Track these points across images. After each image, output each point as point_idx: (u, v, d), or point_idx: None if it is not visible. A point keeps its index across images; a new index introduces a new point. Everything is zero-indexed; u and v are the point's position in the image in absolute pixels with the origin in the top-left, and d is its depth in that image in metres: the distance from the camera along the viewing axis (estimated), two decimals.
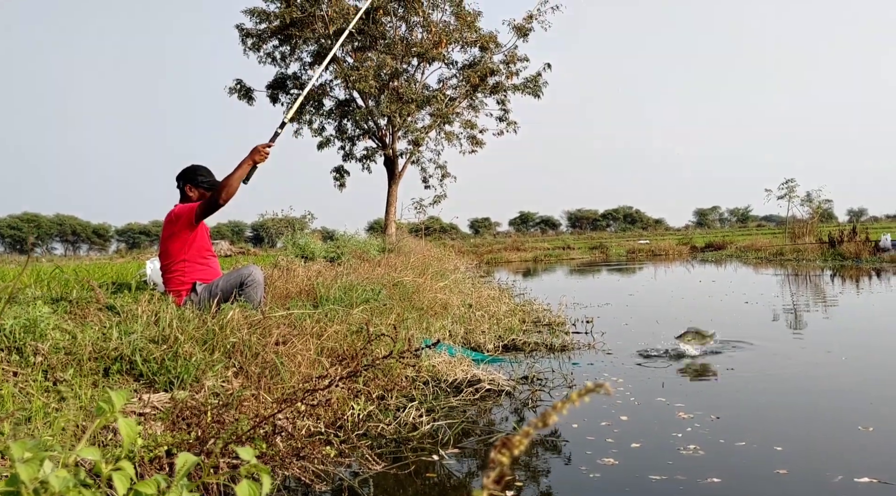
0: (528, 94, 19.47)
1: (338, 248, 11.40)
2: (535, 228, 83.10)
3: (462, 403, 3.97)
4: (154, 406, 3.20)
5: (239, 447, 1.08)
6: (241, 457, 1.07)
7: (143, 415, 3.15)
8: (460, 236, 52.44)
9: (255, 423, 2.26)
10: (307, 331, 4.30)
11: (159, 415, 3.14)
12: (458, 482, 2.76)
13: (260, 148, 4.64)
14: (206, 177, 4.95)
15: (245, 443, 2.28)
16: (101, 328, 3.84)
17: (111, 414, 1.07)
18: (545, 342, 5.92)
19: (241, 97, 18.97)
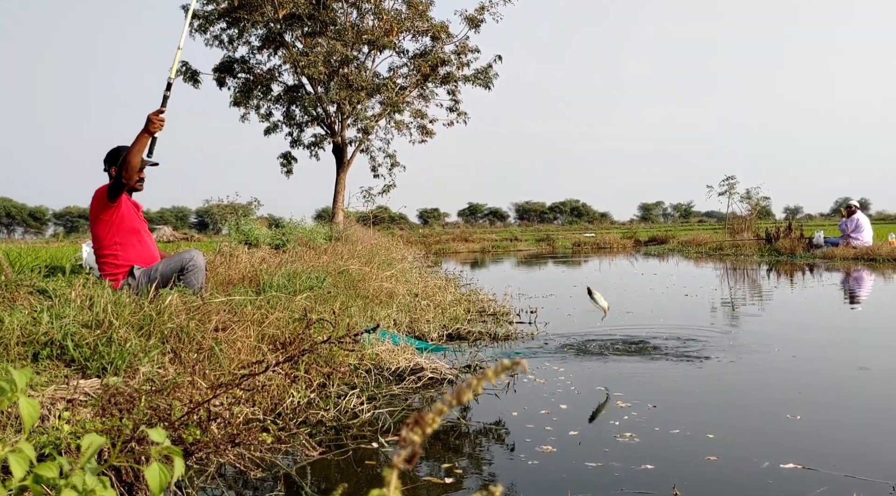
0: (478, 85, 19.48)
1: (283, 235, 11.25)
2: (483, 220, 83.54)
3: (404, 391, 3.97)
4: (85, 392, 3.10)
5: (150, 429, 1.04)
6: (153, 438, 1.03)
7: (73, 401, 3.05)
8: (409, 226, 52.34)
9: (190, 409, 2.21)
10: (248, 318, 4.23)
11: (90, 402, 3.05)
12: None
13: (152, 117, 4.49)
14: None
15: (178, 429, 2.22)
16: (31, 312, 3.71)
17: (13, 394, 1.03)
18: (489, 331, 5.95)
19: (186, 80, 18.47)
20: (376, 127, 19.55)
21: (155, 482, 1.01)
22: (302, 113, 19.39)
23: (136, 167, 4.47)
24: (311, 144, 19.91)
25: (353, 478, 2.64)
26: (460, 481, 2.59)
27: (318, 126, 19.70)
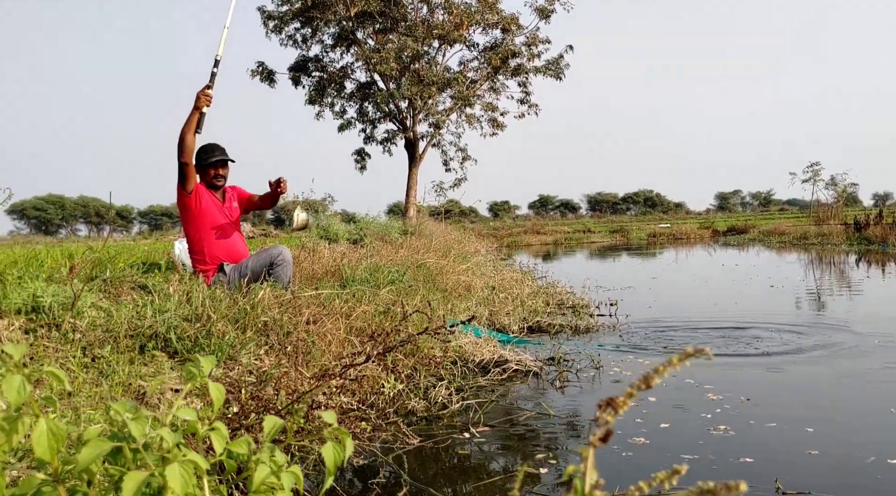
0: (549, 76, 19.33)
1: (360, 230, 11.43)
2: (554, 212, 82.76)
3: (490, 383, 4.00)
4: None
5: (322, 412, 1.11)
6: (325, 420, 1.10)
7: (179, 392, 3.22)
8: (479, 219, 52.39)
9: (294, 399, 2.30)
10: (336, 311, 4.35)
11: (195, 392, 3.20)
12: (489, 459, 2.79)
13: (200, 93, 4.62)
14: (206, 154, 4.87)
15: (284, 417, 2.32)
16: (135, 306, 3.91)
17: (201, 378, 1.11)
18: (570, 324, 5.93)
19: (263, 79, 18.99)
20: (447, 121, 19.64)
21: (331, 460, 1.08)
22: (374, 109, 19.65)
23: (190, 145, 4.59)
24: (383, 140, 20.16)
25: (447, 467, 2.70)
26: (554, 471, 2.60)
27: (391, 122, 19.94)
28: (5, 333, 3.07)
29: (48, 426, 1.00)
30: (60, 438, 1.01)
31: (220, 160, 4.84)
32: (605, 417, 0.72)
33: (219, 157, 4.84)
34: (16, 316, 3.23)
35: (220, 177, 4.87)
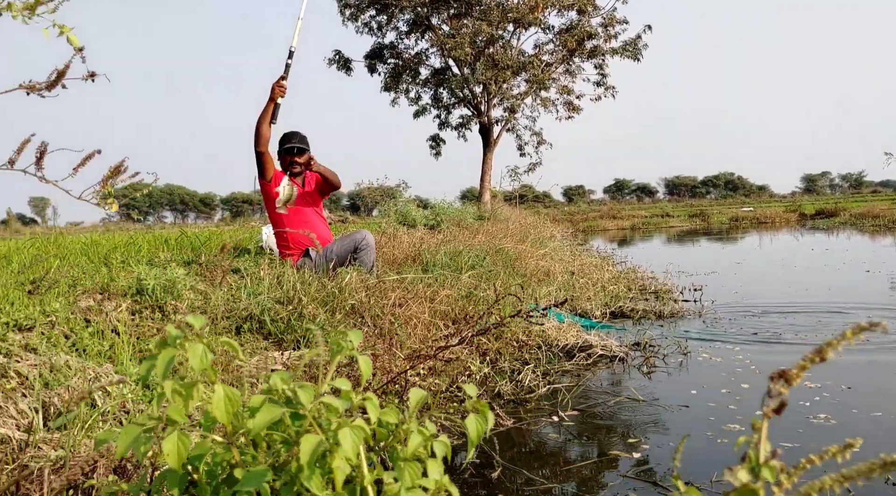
0: (627, 57, 18.91)
1: (437, 216, 11.51)
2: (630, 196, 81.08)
3: (575, 368, 3.98)
4: (284, 363, 3.38)
5: (465, 384, 1.14)
6: (467, 393, 1.14)
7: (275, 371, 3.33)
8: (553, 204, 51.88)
9: (390, 378, 2.35)
10: (420, 295, 4.40)
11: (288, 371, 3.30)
12: (580, 443, 2.78)
13: (275, 85, 4.70)
14: (281, 142, 5.03)
15: (381, 397, 2.37)
16: (230, 290, 4.06)
17: (349, 350, 1.15)
18: (653, 310, 5.82)
19: (339, 68, 19.30)
20: (522, 105, 19.50)
21: (474, 430, 1.11)
22: (449, 95, 19.68)
23: (265, 135, 4.71)
24: (458, 125, 20.19)
25: (537, 450, 2.70)
26: (647, 456, 2.57)
27: (465, 107, 19.93)
28: (114, 314, 3.24)
29: (225, 392, 1.06)
30: (236, 403, 1.07)
31: (292, 147, 4.95)
32: (779, 389, 0.71)
33: (290, 144, 4.96)
34: (122, 298, 3.40)
35: (294, 164, 4.97)
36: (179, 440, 1.02)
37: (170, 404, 1.08)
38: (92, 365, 2.61)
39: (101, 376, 2.54)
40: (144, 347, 3.09)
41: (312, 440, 0.95)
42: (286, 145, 4.93)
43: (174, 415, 1.06)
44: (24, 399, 2.21)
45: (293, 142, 4.94)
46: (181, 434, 1.04)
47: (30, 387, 2.29)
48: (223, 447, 1.09)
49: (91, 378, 2.49)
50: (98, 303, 3.27)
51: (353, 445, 0.95)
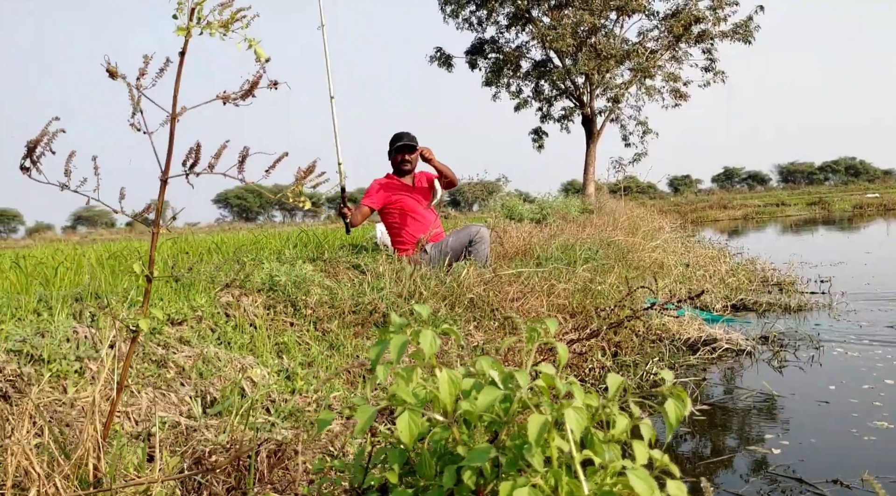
0: (737, 40, 18.16)
1: (542, 209, 11.46)
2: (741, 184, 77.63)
3: (700, 362, 3.88)
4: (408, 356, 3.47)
5: (662, 370, 1.17)
6: (664, 377, 1.16)
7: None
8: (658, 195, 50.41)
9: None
10: (537, 289, 4.41)
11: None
12: (713, 438, 2.72)
13: (340, 214, 5.14)
14: (393, 141, 5.17)
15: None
16: (353, 285, 4.20)
17: (544, 337, 1.19)
18: (778, 302, 5.58)
19: (440, 64, 19.50)
20: (626, 94, 19.09)
21: (673, 414, 1.14)
22: (551, 87, 19.53)
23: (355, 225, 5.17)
24: (560, 118, 20.00)
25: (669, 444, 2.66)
26: (787, 452, 2.49)
27: (567, 99, 19.72)
28: (251, 309, 3.43)
29: (448, 375, 1.12)
30: (457, 386, 1.13)
31: (403, 145, 5.09)
32: None
33: (401, 143, 5.09)
34: (257, 293, 3.59)
35: (406, 162, 5.11)
36: (411, 419, 1.10)
37: (397, 386, 1.15)
38: (238, 357, 2.77)
39: (247, 367, 2.70)
40: (280, 340, 3.25)
41: (539, 419, 0.99)
42: (397, 144, 5.06)
43: (403, 395, 1.13)
44: (183, 388, 2.38)
45: (403, 140, 5.07)
46: (412, 413, 1.10)
47: (186, 376, 2.46)
48: (442, 427, 1.15)
49: (238, 369, 2.66)
50: (236, 299, 3.47)
51: (578, 425, 0.99)
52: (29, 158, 1.02)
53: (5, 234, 60.54)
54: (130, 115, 1.03)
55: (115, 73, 1.02)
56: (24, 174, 1.02)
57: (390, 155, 5.17)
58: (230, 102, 1.08)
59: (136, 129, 1.05)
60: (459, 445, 1.09)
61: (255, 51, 1.06)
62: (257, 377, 2.63)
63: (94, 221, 65.14)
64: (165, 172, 1.12)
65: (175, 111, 1.07)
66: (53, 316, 2.60)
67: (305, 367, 3.05)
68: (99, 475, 1.33)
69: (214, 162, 1.09)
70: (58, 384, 2.08)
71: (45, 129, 0.99)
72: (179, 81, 1.06)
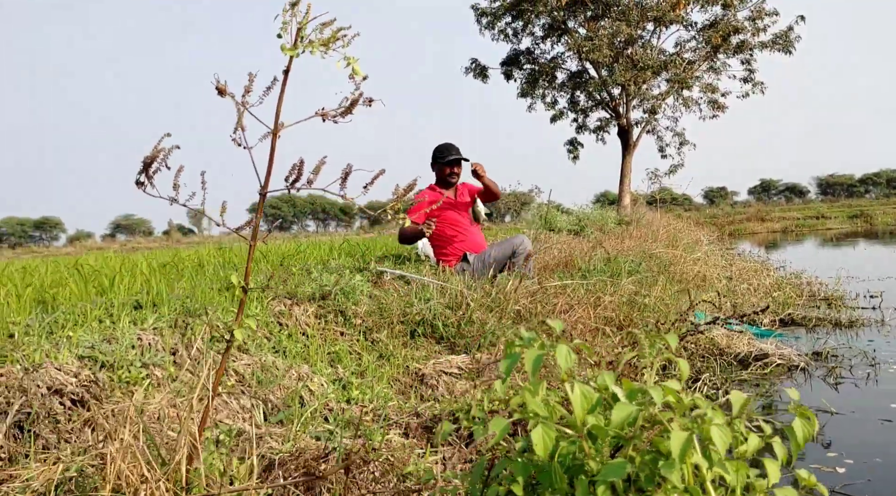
0: (777, 51, 17.93)
1: (580, 221, 11.41)
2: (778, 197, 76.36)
3: (752, 377, 3.82)
4: (458, 366, 3.47)
5: (789, 389, 1.16)
6: (791, 396, 1.15)
7: (450, 374, 3.43)
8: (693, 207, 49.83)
9: None
10: (584, 301, 4.38)
11: (463, 375, 3.40)
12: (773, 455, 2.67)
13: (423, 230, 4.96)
14: (441, 153, 5.18)
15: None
16: (400, 296, 4.22)
17: (667, 353, 1.19)
18: (827, 317, 5.47)
19: (476, 76, 19.56)
20: (663, 105, 18.95)
21: (801, 434, 1.13)
22: (586, 98, 19.46)
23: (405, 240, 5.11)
24: (596, 129, 19.91)
25: None
26: (852, 471, 2.43)
27: (603, 110, 19.63)
28: (303, 318, 3.46)
29: (580, 390, 1.13)
30: (590, 400, 1.14)
31: (455, 159, 5.12)
32: None
33: (455, 156, 5.12)
34: (308, 303, 3.63)
35: (454, 175, 5.16)
36: (545, 432, 1.10)
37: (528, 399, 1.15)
38: (293, 365, 2.80)
39: (303, 376, 2.72)
40: (332, 349, 3.28)
41: (682, 436, 0.99)
42: (449, 158, 5.09)
43: (536, 409, 1.14)
44: (244, 395, 2.41)
45: (454, 154, 5.11)
46: (545, 426, 1.10)
47: (247, 385, 2.49)
48: (570, 440, 1.15)
49: (295, 377, 2.68)
50: (288, 308, 3.50)
51: (723, 443, 0.99)
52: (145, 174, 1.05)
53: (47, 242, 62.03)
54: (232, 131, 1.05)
55: (224, 90, 1.04)
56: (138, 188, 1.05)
57: (437, 166, 5.19)
58: (329, 119, 1.10)
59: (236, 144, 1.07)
60: (590, 459, 1.09)
61: (353, 68, 1.08)
62: (315, 386, 2.65)
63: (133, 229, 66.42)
64: (265, 186, 1.14)
65: (276, 127, 1.09)
66: (116, 323, 2.66)
67: (358, 377, 3.07)
68: (189, 481, 1.35)
69: (313, 178, 1.11)
70: (127, 390, 2.12)
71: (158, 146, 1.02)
72: (282, 98, 1.08)
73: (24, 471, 1.42)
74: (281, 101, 1.08)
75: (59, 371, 1.92)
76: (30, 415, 1.69)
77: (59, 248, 42.65)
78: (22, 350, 2.06)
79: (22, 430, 1.73)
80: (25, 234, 65.15)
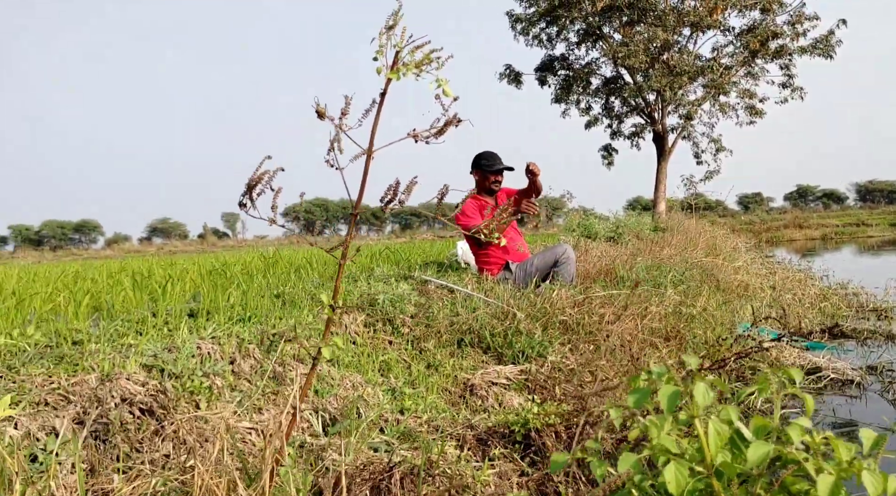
0: (817, 55, 17.63)
1: (617, 228, 11.33)
2: (815, 203, 74.98)
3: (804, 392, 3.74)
4: (507, 377, 3.46)
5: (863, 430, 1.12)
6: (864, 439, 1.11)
7: (498, 384, 3.42)
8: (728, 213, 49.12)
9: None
10: (632, 312, 4.34)
11: (512, 385, 3.39)
12: None
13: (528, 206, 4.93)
14: (488, 161, 5.17)
15: None
16: (444, 304, 4.22)
17: (793, 389, 1.17)
18: (880, 330, 5.34)
19: (510, 81, 19.54)
20: (699, 111, 18.74)
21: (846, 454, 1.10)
22: (621, 104, 19.33)
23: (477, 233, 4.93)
24: (631, 134, 19.77)
25: None
26: None
27: (638, 115, 19.48)
28: (352, 327, 3.48)
29: (714, 427, 1.12)
30: (724, 438, 1.12)
31: (502, 168, 5.14)
32: None
33: (499, 165, 5.13)
34: (358, 311, 3.65)
35: (497, 182, 5.18)
36: (678, 470, 1.08)
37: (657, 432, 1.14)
38: (348, 374, 2.81)
39: (357, 386, 2.74)
40: (382, 358, 3.29)
41: (829, 480, 0.98)
42: (496, 167, 5.10)
43: (669, 446, 1.12)
44: (303, 406, 2.43)
45: (499, 163, 5.13)
46: (678, 464, 1.09)
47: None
48: (698, 478, 1.13)
49: (349, 387, 2.69)
50: (338, 316, 3.52)
51: (875, 490, 0.97)
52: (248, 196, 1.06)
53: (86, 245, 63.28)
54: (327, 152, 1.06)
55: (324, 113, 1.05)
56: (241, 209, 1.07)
57: (481, 174, 5.18)
58: (421, 140, 1.11)
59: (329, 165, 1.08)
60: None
61: (443, 90, 1.08)
62: (369, 396, 2.66)
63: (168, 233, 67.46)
64: (356, 206, 1.15)
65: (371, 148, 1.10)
66: (174, 331, 2.70)
67: (409, 386, 3.07)
68: None
69: (405, 197, 1.12)
70: (190, 399, 2.15)
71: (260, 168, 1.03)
72: (378, 121, 1.09)
73: (108, 484, 1.44)
74: (376, 124, 1.09)
75: (128, 380, 1.95)
76: (106, 424, 1.72)
77: (98, 250, 43.46)
78: (91, 358, 2.10)
79: (96, 439, 1.76)
80: (65, 236, 66.57)
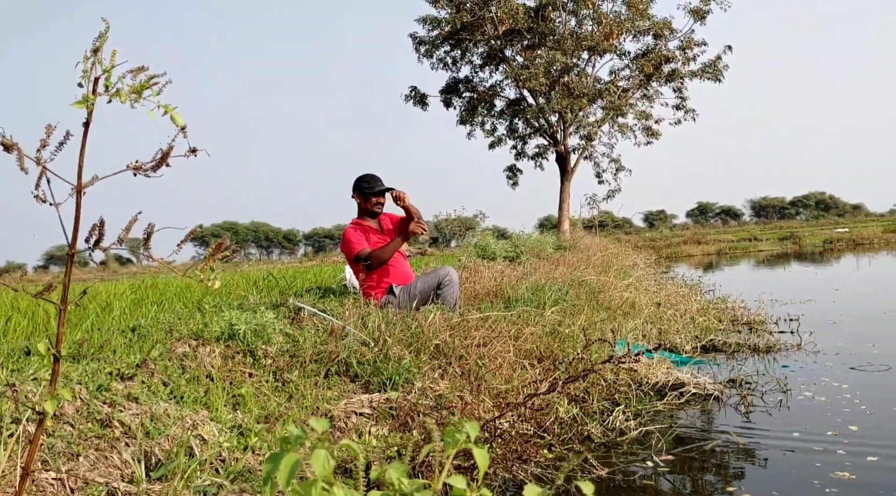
0: (707, 79, 18.54)
1: (516, 247, 11.45)
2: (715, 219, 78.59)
3: (668, 408, 3.84)
4: (371, 406, 3.39)
5: (581, 482, 1.08)
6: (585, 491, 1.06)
7: (362, 414, 3.35)
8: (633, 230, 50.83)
9: (481, 426, 2.32)
10: (505, 334, 4.36)
11: (374, 415, 3.33)
12: (677, 492, 2.67)
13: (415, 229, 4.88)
14: (368, 183, 5.13)
15: None
16: (317, 332, 4.12)
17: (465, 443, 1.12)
18: (747, 343, 5.58)
19: (415, 103, 19.65)
20: (599, 132, 19.33)
21: None
22: (524, 125, 19.74)
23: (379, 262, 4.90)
24: (534, 155, 20.19)
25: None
26: None
27: (541, 136, 19.92)
28: (208, 359, 3.34)
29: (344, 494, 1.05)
30: None
31: (382, 190, 5.09)
32: None
33: (380, 187, 5.09)
34: (215, 343, 3.51)
35: (379, 205, 5.13)
36: None
37: None
38: (189, 412, 2.68)
39: (198, 424, 2.61)
40: (237, 392, 3.16)
41: None
42: (377, 189, 5.06)
43: None
44: (128, 448, 2.29)
45: (378, 185, 5.08)
46: None
47: (132, 436, 2.37)
48: None
49: (188, 426, 2.57)
50: (193, 350, 3.38)
51: None
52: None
53: None
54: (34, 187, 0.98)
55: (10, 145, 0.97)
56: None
57: (361, 196, 5.12)
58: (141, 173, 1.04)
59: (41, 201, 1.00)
60: None
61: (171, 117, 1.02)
62: (208, 434, 2.54)
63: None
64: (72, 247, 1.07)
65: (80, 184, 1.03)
66: None
67: (261, 421, 2.97)
68: None
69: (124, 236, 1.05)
70: None
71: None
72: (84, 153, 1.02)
73: None
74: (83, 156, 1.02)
75: None
76: None
77: None
78: None
79: None
80: None
